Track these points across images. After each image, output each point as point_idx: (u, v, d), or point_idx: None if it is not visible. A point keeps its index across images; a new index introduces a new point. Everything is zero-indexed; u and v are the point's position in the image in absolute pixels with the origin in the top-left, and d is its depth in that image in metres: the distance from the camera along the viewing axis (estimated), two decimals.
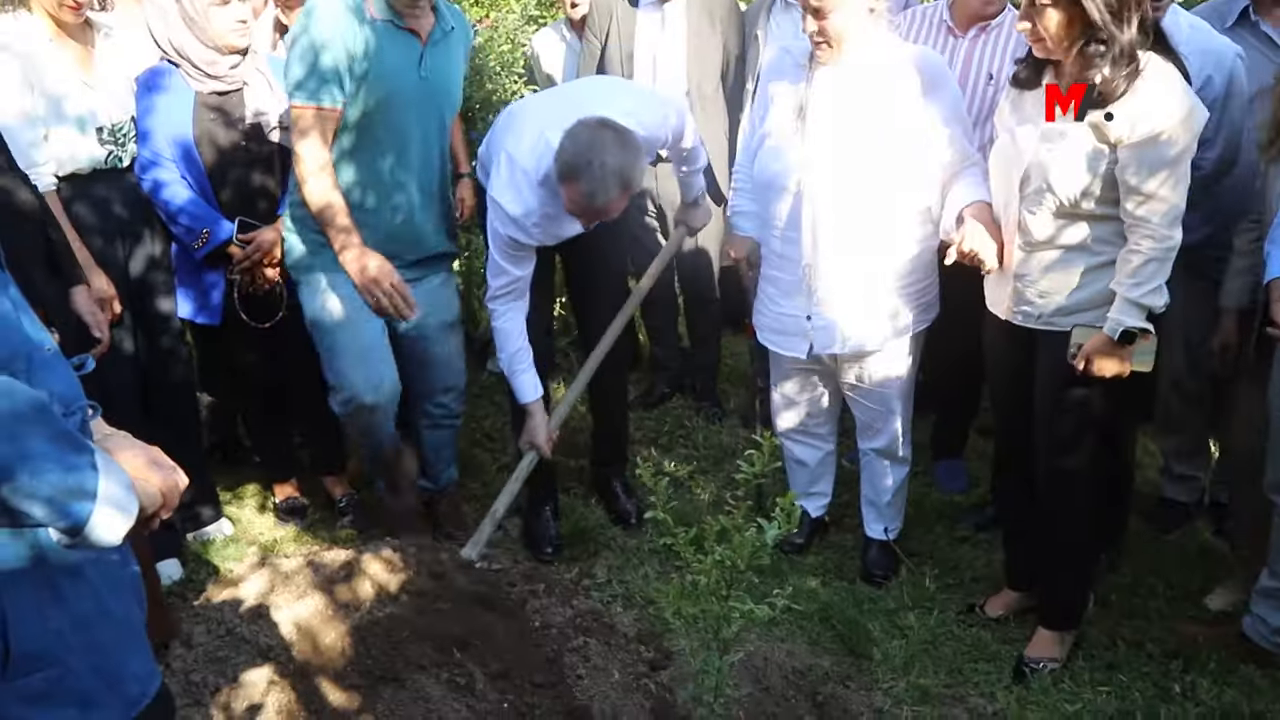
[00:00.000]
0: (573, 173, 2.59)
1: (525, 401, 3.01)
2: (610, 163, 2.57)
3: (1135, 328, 2.30)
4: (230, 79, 2.93)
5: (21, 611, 1.20)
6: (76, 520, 1.07)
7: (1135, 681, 2.61)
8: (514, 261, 2.87)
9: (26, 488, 1.02)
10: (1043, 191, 2.35)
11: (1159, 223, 2.25)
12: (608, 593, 3.03)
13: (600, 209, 2.67)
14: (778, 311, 2.93)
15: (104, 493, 1.09)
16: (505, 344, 2.97)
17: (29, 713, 1.23)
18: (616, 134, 2.61)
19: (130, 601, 1.38)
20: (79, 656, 1.26)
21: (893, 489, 3.09)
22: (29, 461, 1.02)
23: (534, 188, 2.75)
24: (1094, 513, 2.62)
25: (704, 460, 3.80)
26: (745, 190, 3.03)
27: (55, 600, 1.24)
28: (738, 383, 4.37)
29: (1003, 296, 2.56)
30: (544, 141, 2.72)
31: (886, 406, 2.96)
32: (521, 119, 2.89)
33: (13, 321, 1.16)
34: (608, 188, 2.59)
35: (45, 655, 1.23)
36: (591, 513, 3.42)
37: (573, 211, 2.72)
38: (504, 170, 2.78)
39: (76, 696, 1.27)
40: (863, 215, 2.70)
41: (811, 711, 2.50)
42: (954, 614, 2.92)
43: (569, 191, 2.64)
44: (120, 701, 1.33)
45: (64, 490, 1.05)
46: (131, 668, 1.35)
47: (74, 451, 1.07)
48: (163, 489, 1.23)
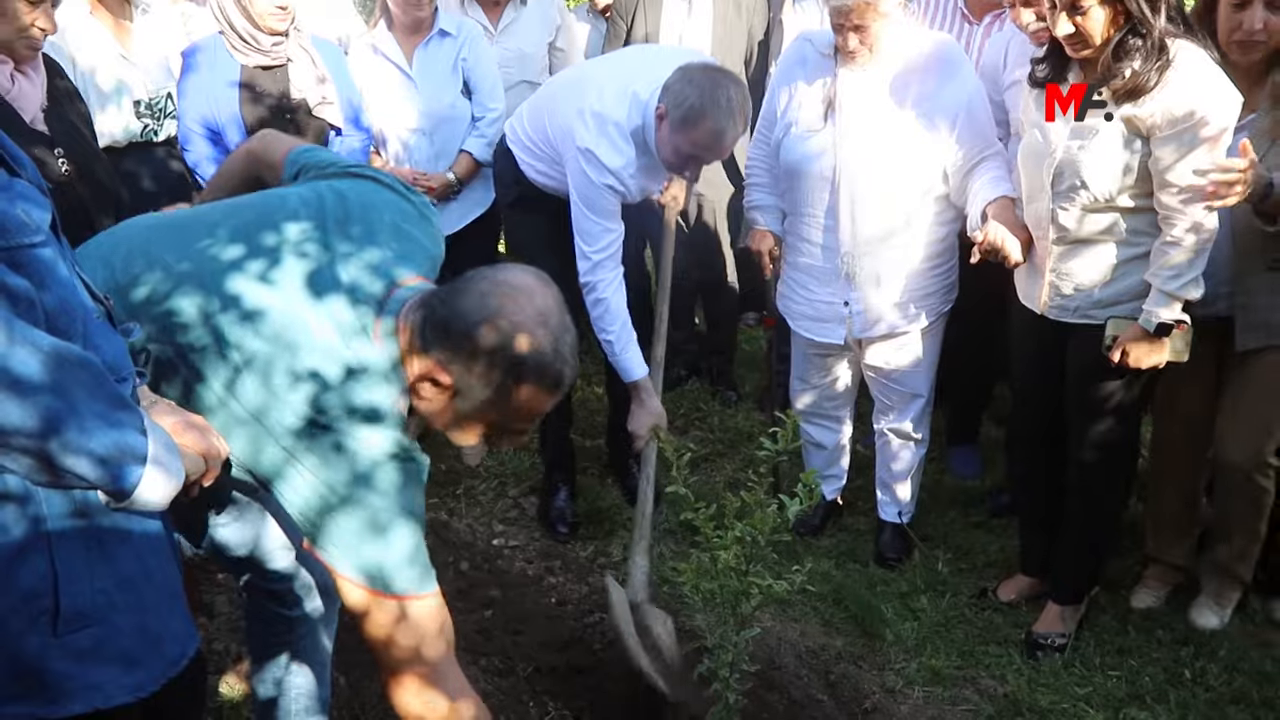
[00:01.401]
0: (699, 114, 2.57)
1: (637, 377, 2.86)
2: (735, 98, 2.59)
3: (1171, 319, 2.31)
4: (274, 54, 2.97)
5: (72, 570, 1.24)
6: (125, 482, 1.10)
7: (1145, 666, 2.63)
8: (611, 216, 2.80)
9: (75, 444, 1.04)
10: (1076, 188, 2.35)
11: (1194, 213, 2.25)
12: (623, 571, 3.06)
13: (727, 146, 2.69)
14: (813, 299, 2.95)
15: (152, 456, 1.11)
16: (611, 319, 2.82)
17: (76, 668, 1.26)
18: (726, 73, 2.65)
19: (171, 564, 1.42)
20: (124, 616, 1.30)
21: (908, 470, 3.12)
22: (79, 418, 1.05)
23: (627, 138, 2.74)
24: (1118, 495, 2.67)
25: (719, 443, 3.83)
26: (763, 184, 3.04)
27: (104, 560, 1.28)
28: (753, 367, 4.39)
29: (1036, 290, 2.56)
30: (631, 94, 2.71)
31: (910, 388, 3.00)
32: (589, 82, 2.85)
33: (72, 286, 1.19)
34: (736, 123, 2.61)
35: (93, 613, 1.26)
36: (608, 493, 3.45)
37: (691, 154, 2.68)
38: (592, 125, 2.73)
39: (121, 654, 1.30)
40: (897, 203, 2.74)
41: (823, 690, 2.54)
42: (966, 597, 2.95)
43: (693, 135, 2.61)
44: (161, 661, 1.36)
45: (114, 451, 1.08)
46: (172, 628, 1.39)
47: (125, 413, 1.10)
48: (205, 454, 1.27)
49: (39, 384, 1.01)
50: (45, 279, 1.14)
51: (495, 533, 3.16)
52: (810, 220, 2.86)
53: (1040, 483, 2.79)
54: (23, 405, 1.00)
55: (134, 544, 1.32)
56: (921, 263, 2.82)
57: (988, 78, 2.91)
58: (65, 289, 1.17)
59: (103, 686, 1.29)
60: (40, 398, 1.01)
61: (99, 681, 1.28)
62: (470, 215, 3.46)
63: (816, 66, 2.79)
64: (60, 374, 1.03)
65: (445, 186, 3.35)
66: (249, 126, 2.97)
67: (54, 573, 1.22)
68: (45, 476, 1.06)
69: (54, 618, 1.23)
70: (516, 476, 3.60)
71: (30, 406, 1.01)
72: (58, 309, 1.15)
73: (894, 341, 2.93)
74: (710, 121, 2.57)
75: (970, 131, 2.69)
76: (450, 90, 3.36)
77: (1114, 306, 2.41)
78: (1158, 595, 2.87)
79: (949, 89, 2.68)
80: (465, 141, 3.39)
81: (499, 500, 3.48)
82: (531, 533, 3.26)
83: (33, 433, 1.01)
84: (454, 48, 3.35)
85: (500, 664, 2.53)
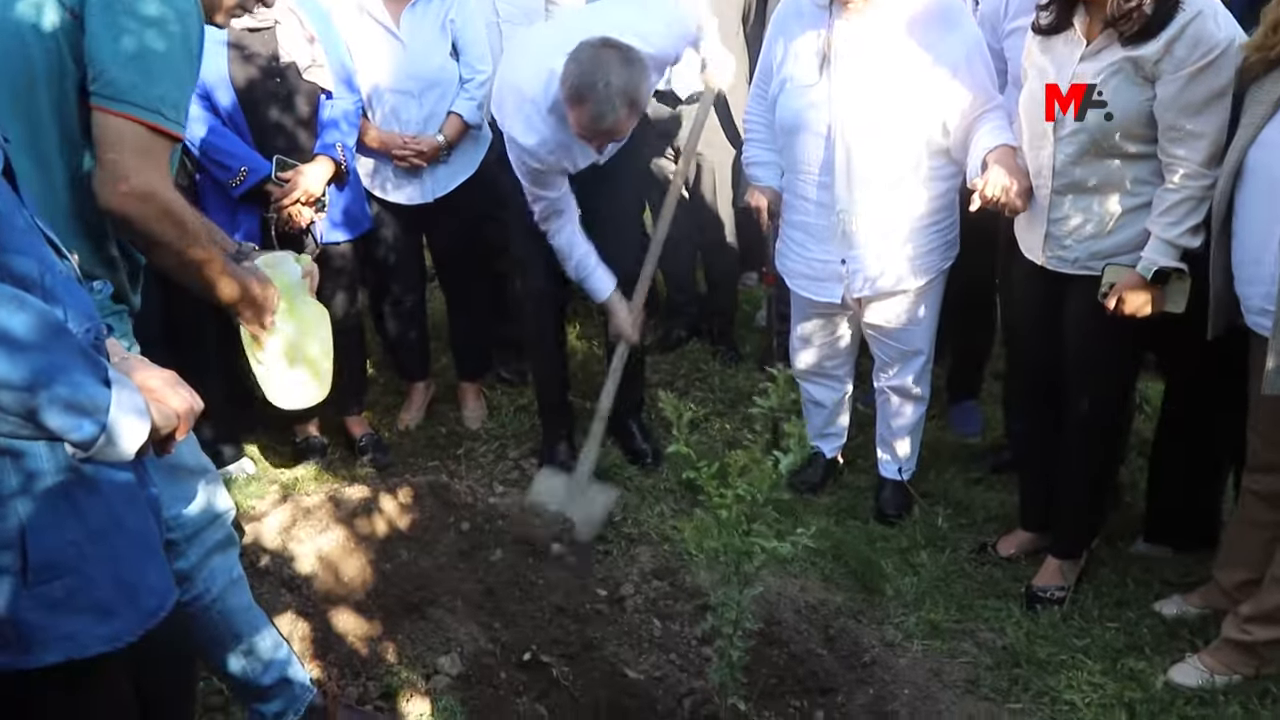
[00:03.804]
0: (578, 95, 2.60)
1: (603, 297, 3.09)
2: (615, 82, 2.57)
3: (1169, 267, 2.28)
4: (260, 16, 2.93)
5: (39, 522, 1.25)
6: (89, 434, 1.10)
7: (1144, 618, 2.64)
8: (542, 185, 2.92)
9: (38, 392, 1.05)
10: (1078, 133, 2.32)
11: (1198, 160, 2.21)
12: (624, 529, 3.07)
13: (608, 129, 2.68)
14: (809, 257, 2.93)
15: (116, 408, 1.11)
16: (569, 255, 3.04)
17: (49, 619, 1.27)
18: (620, 52, 2.62)
19: (147, 518, 1.42)
20: (97, 567, 1.31)
21: (909, 427, 3.11)
22: (44, 368, 1.05)
23: (544, 116, 2.77)
24: (1115, 450, 2.66)
25: (719, 403, 3.83)
26: (760, 140, 3.01)
27: (72, 512, 1.28)
28: (754, 327, 4.38)
29: (1035, 241, 2.53)
30: (547, 70, 2.72)
31: (910, 345, 2.98)
32: (521, 51, 2.90)
33: (31, 234, 1.18)
34: (615, 107, 2.60)
35: (63, 564, 1.27)
36: (608, 452, 3.45)
37: (581, 135, 2.74)
38: (510, 103, 2.80)
39: (94, 604, 1.31)
40: (894, 158, 2.70)
41: (823, 644, 2.55)
42: (966, 553, 2.96)
43: (576, 115, 2.65)
44: (138, 613, 1.37)
45: (77, 403, 1.08)
46: (149, 580, 1.40)
47: (87, 365, 1.10)
48: (179, 410, 1.25)
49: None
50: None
51: (495, 494, 3.17)
52: (806, 177, 2.83)
53: (1039, 438, 2.78)
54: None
55: (104, 496, 1.32)
56: (920, 219, 2.78)
57: (987, 25, 2.86)
58: (22, 239, 1.16)
59: (76, 636, 1.30)
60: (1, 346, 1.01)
61: (72, 632, 1.29)
62: (459, 177, 3.43)
63: (813, 18, 2.74)
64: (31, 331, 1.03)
65: (435, 150, 3.32)
66: (238, 88, 2.94)
67: (21, 525, 1.23)
68: (4, 426, 1.06)
69: (24, 568, 1.24)
70: (517, 438, 3.61)
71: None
72: (14, 261, 1.14)
73: (893, 300, 2.90)
74: (590, 105, 2.61)
75: (971, 84, 2.64)
76: (439, 52, 3.31)
77: (1114, 258, 2.38)
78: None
79: (949, 40, 2.63)
80: (454, 103, 3.35)
81: (499, 462, 3.48)
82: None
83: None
84: (441, 8, 3.30)
85: (501, 624, 2.55)
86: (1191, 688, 2.37)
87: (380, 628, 2.51)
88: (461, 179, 3.44)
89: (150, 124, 1.60)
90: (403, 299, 3.57)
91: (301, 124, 3.05)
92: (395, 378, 3.93)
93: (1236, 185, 2.20)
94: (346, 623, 2.52)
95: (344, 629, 2.51)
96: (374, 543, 2.79)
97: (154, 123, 1.60)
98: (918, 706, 2.36)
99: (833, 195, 2.78)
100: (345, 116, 3.12)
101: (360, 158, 3.32)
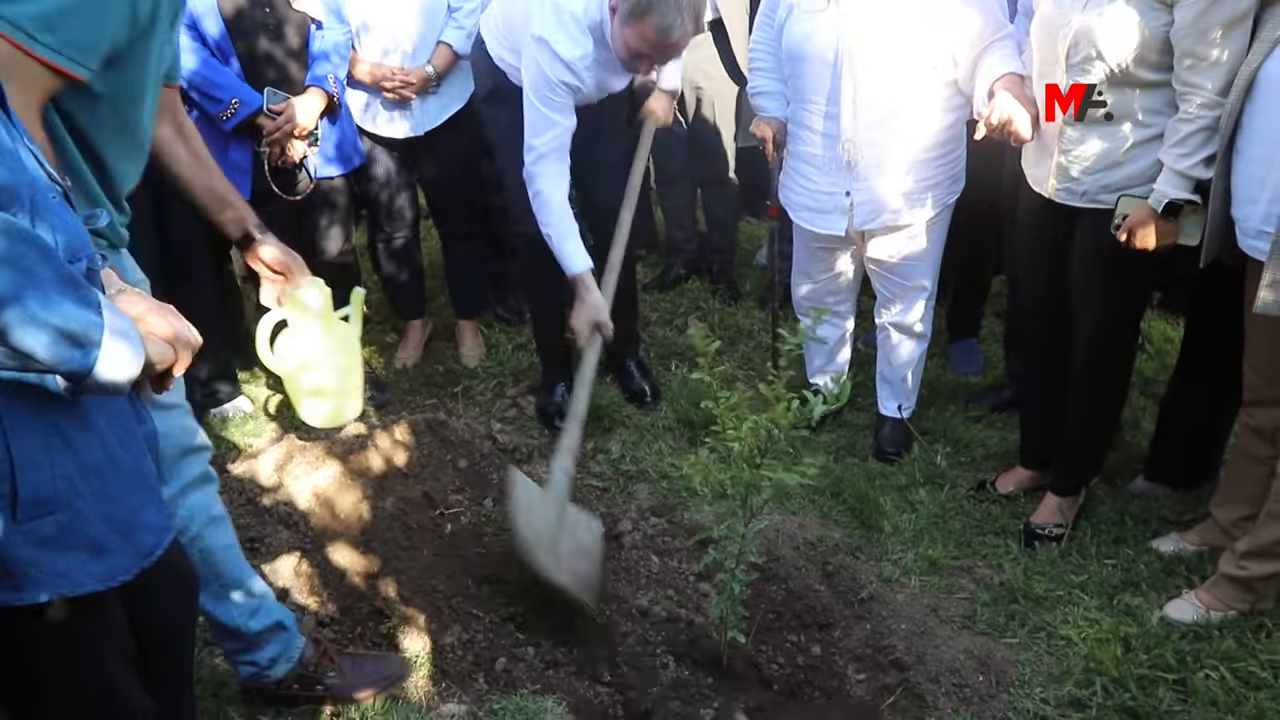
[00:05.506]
0: (645, 8, 2.54)
1: (575, 272, 2.83)
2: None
3: (1181, 199, 2.24)
4: None
5: (29, 456, 1.21)
6: (80, 364, 1.07)
7: (1141, 555, 2.64)
8: (561, 109, 2.76)
9: (29, 318, 1.02)
10: (1091, 59, 2.25)
11: (1212, 88, 2.15)
12: (622, 467, 3.07)
13: (674, 44, 2.63)
14: (813, 189, 2.88)
15: (109, 336, 1.08)
16: (548, 212, 2.82)
17: (40, 555, 1.25)
18: None
19: (143, 455, 1.39)
20: (90, 503, 1.28)
21: (909, 364, 3.09)
22: (33, 292, 1.02)
23: (584, 32, 2.69)
24: (1120, 385, 2.64)
25: (720, 340, 3.77)
26: (766, 69, 2.94)
27: (64, 447, 1.25)
28: (754, 265, 4.33)
29: (1045, 173, 2.48)
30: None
31: (913, 281, 2.95)
32: None
33: (15, 159, 1.14)
34: (683, 19, 2.56)
35: (54, 500, 1.25)
36: (606, 390, 3.44)
37: (640, 51, 2.66)
38: (550, 15, 2.68)
39: (87, 542, 1.29)
40: (901, 88, 2.64)
41: (821, 580, 2.56)
42: (964, 490, 2.96)
43: (640, 29, 2.58)
44: (133, 551, 1.35)
45: (67, 330, 1.04)
46: (144, 519, 1.37)
47: (77, 290, 1.06)
48: (173, 341, 1.22)
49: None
50: None
51: (494, 431, 3.16)
52: (811, 106, 2.77)
53: (1042, 374, 2.76)
54: None
55: (98, 432, 1.29)
56: (926, 151, 2.73)
57: None
58: (7, 155, 1.12)
59: (69, 574, 1.28)
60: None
61: (65, 569, 1.27)
62: (449, 110, 3.35)
63: None
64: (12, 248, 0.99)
65: (424, 81, 3.24)
66: (226, 17, 2.86)
67: (10, 458, 1.20)
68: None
69: (12, 503, 1.21)
70: (515, 376, 3.59)
71: None
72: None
73: (897, 233, 2.86)
74: (655, 16, 2.54)
75: (981, 12, 2.57)
76: None
77: (1125, 190, 2.33)
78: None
79: None
80: (443, 33, 3.26)
81: (497, 400, 3.47)
82: (529, 431, 3.26)
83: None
84: None
85: (498, 560, 2.55)
86: (1187, 623, 2.38)
87: (377, 563, 2.51)
88: (451, 111, 3.36)
89: (11, 40, 1.35)
90: (395, 236, 3.52)
91: (292, 55, 2.98)
92: (392, 316, 3.90)
93: (1246, 100, 2.13)
94: (342, 558, 2.52)
95: (339, 564, 2.51)
96: (369, 477, 2.78)
97: (15, 40, 1.35)
98: (914, 641, 2.37)
99: (838, 125, 2.72)
100: (336, 48, 3.05)
101: (351, 91, 3.25)
